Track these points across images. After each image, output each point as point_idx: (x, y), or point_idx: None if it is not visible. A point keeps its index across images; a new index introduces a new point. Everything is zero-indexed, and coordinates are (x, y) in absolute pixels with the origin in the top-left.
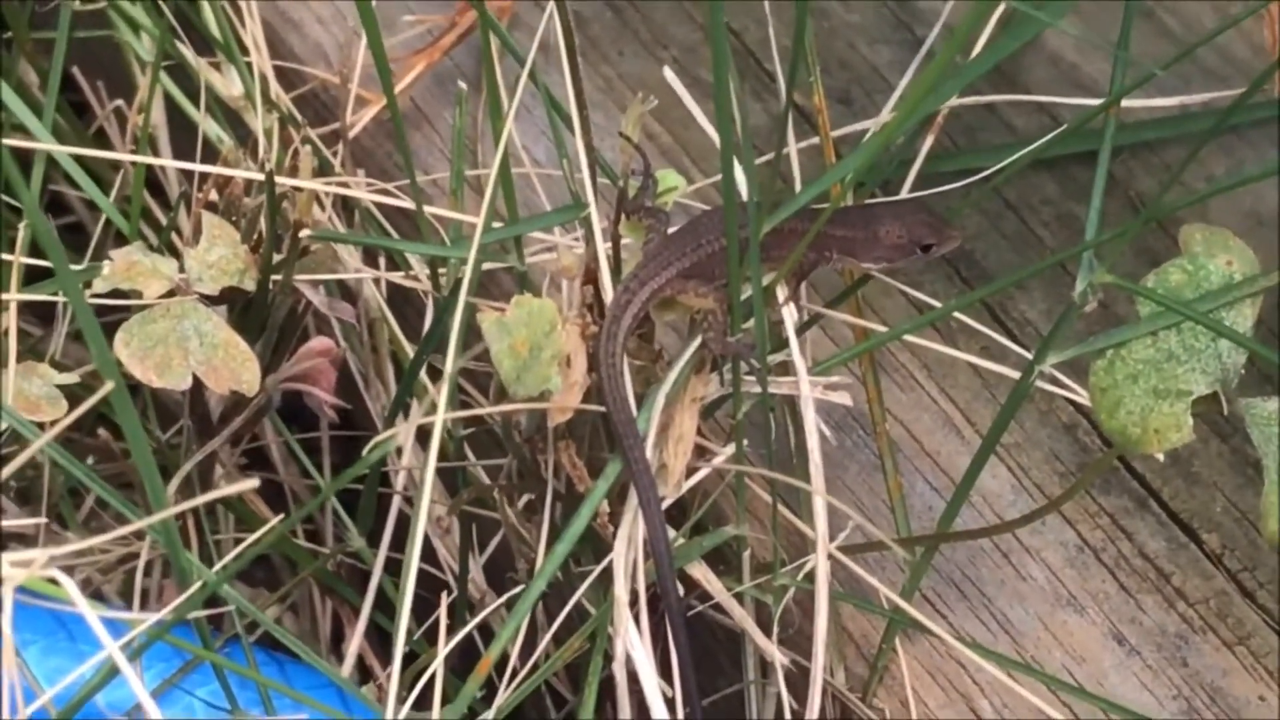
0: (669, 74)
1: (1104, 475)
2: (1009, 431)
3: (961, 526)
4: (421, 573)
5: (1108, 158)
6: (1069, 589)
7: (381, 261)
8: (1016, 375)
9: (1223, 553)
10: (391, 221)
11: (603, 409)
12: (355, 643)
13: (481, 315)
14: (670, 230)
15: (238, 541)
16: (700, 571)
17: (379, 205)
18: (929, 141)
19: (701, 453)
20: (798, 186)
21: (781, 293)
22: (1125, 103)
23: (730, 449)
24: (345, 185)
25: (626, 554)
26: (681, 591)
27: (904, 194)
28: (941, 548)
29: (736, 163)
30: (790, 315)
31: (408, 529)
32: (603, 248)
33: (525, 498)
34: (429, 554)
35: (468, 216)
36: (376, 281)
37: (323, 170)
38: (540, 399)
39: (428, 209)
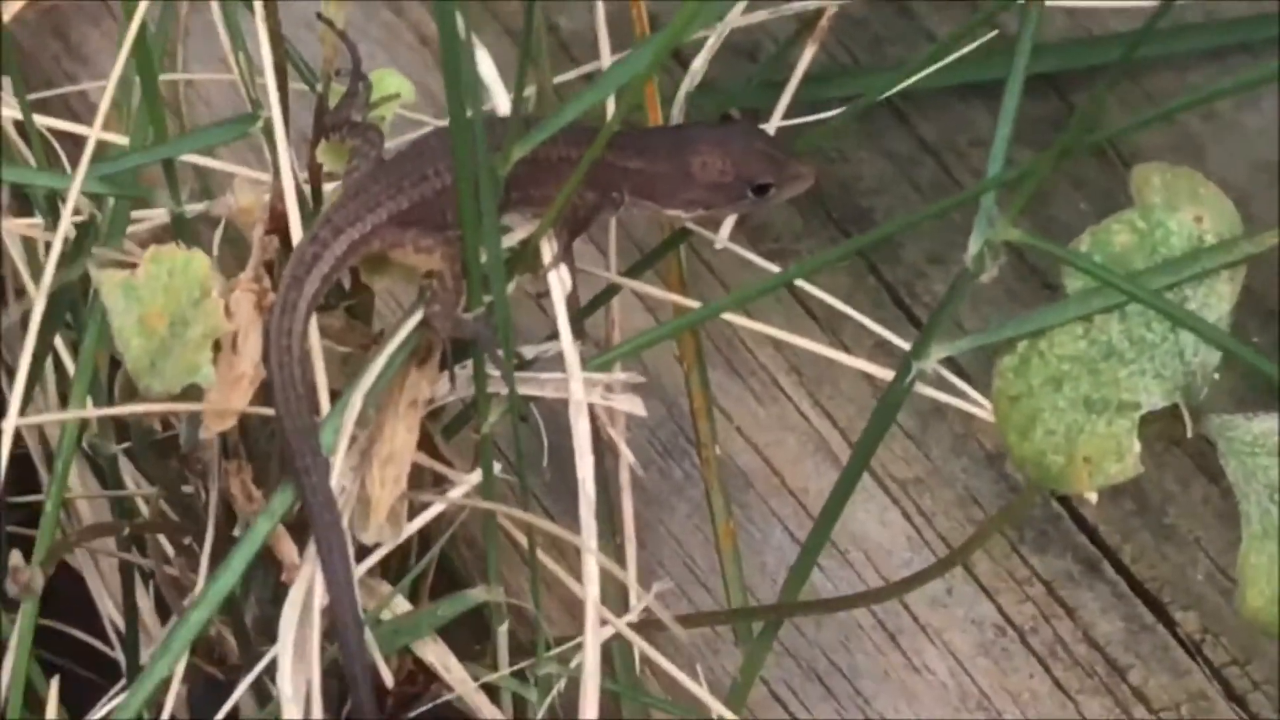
0: None
1: (1038, 526)
2: (909, 463)
3: (832, 592)
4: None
5: (1026, 51)
6: (981, 685)
7: None
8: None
9: (1203, 639)
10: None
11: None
12: None
13: (99, 274)
14: (386, 156)
15: None
16: (434, 653)
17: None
18: (809, 52)
19: (438, 482)
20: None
21: (548, 250)
22: None
23: (474, 476)
24: None
25: (296, 633)
26: (392, 681)
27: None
28: (800, 625)
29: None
30: (559, 283)
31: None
32: (291, 180)
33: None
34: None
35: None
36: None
37: None
38: (185, 397)
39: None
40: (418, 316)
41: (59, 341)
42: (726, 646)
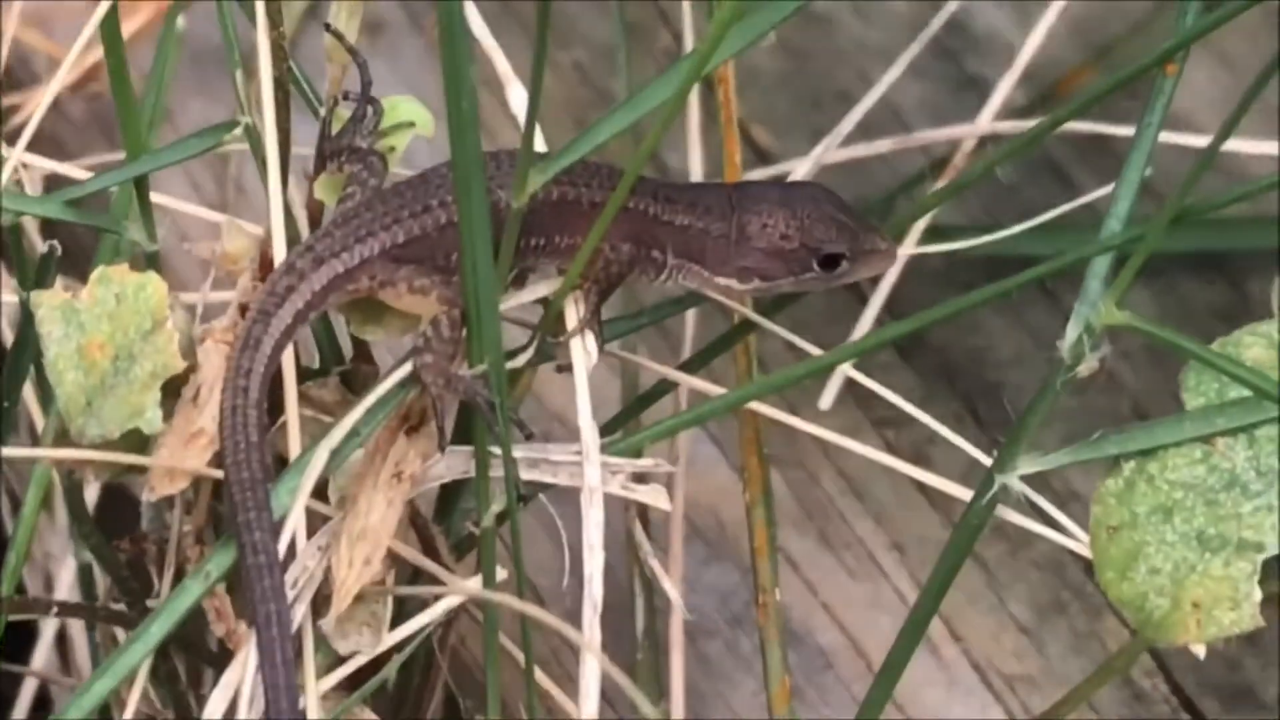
0: None
1: (1132, 688)
2: (1020, 659)
3: None
4: None
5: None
6: None
7: None
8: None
9: None
10: None
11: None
12: None
13: (37, 297)
14: (386, 185)
15: None
16: None
17: None
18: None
19: (418, 578)
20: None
21: (574, 310)
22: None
23: (473, 584)
24: None
25: None
26: None
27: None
28: None
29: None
30: (582, 352)
31: None
32: (281, 220)
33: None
34: None
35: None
36: None
37: None
38: (129, 446)
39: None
40: (406, 368)
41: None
42: None
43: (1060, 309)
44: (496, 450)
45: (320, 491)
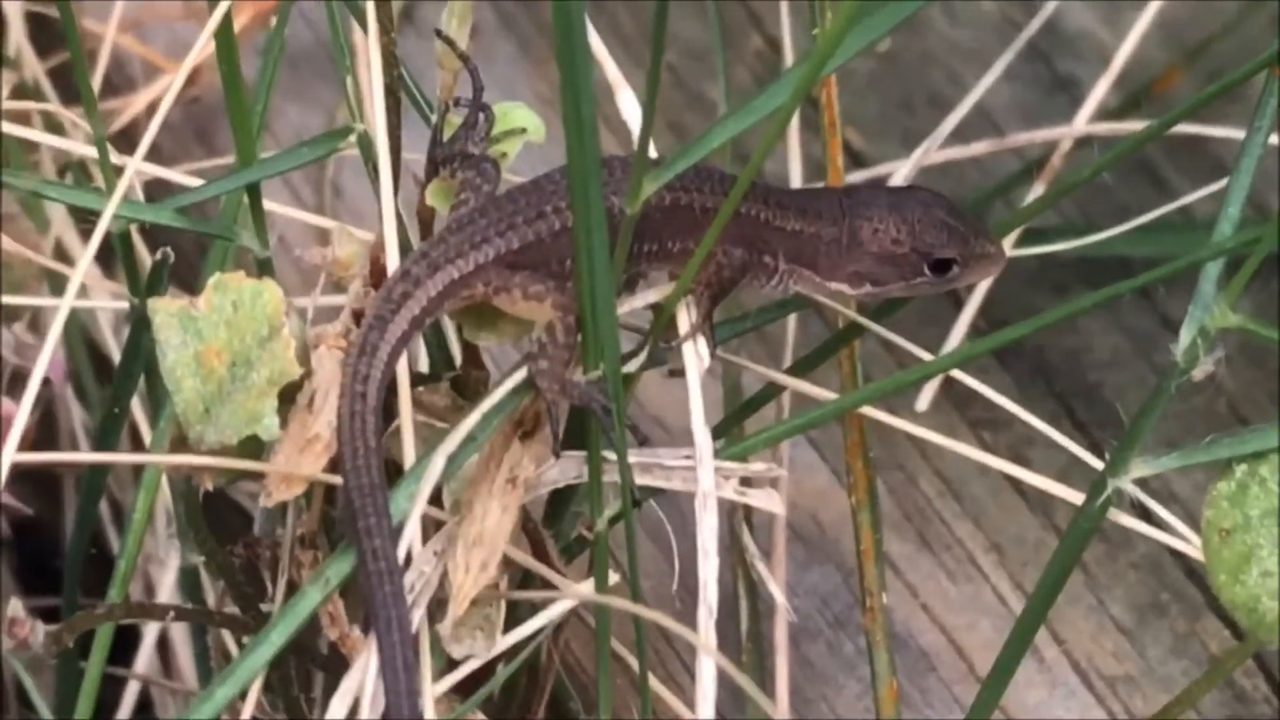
0: None
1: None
2: (1120, 660)
3: None
4: None
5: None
6: None
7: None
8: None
9: None
10: None
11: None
12: None
13: (155, 304)
14: (499, 192)
15: None
16: None
17: None
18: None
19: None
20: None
21: (685, 316)
22: None
23: (585, 587)
24: None
25: None
26: None
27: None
28: None
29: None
30: (695, 357)
31: None
32: (394, 226)
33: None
34: None
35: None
36: None
37: None
38: (245, 452)
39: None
40: (521, 374)
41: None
42: None
43: (1156, 310)
44: (610, 455)
45: (435, 497)
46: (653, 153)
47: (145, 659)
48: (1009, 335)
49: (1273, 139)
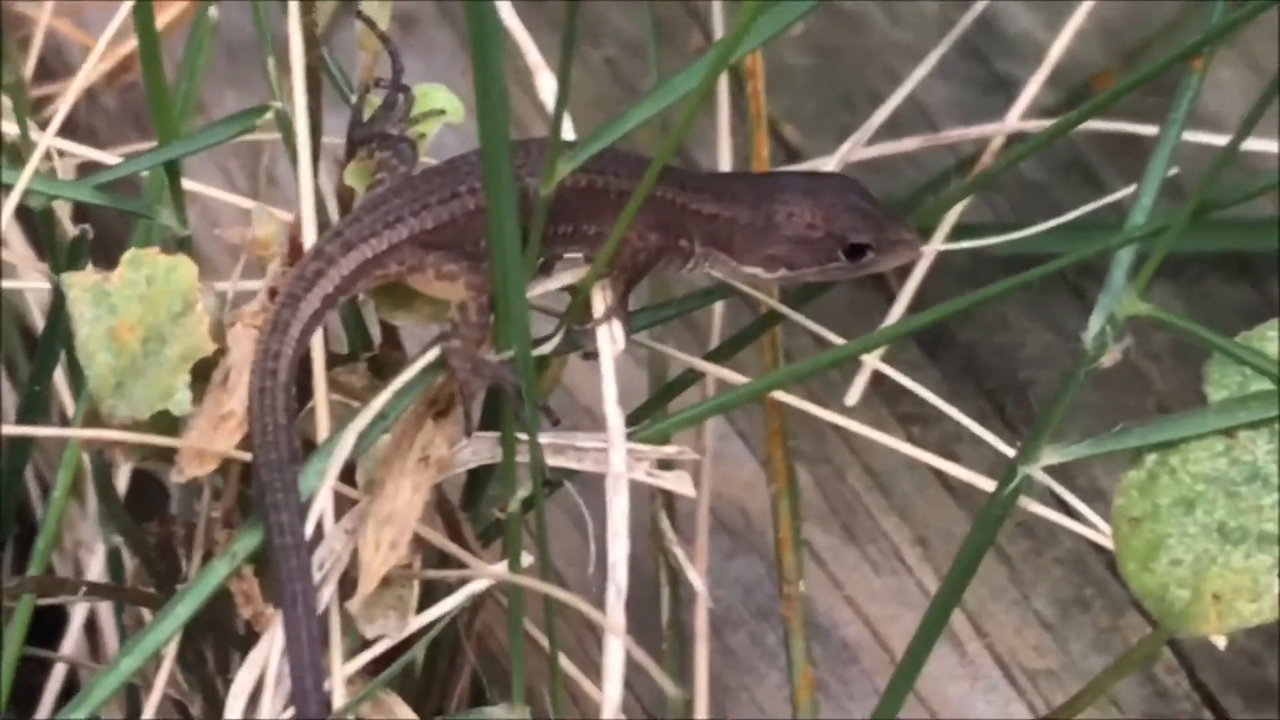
0: None
1: (1155, 684)
2: (1042, 654)
3: None
4: None
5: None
6: None
7: None
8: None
9: None
10: None
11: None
12: None
13: (69, 279)
14: (416, 172)
15: None
16: None
17: None
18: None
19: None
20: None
21: (601, 298)
22: None
23: (499, 568)
24: None
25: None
26: None
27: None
28: None
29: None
30: (608, 340)
31: None
32: (312, 206)
33: None
34: None
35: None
36: None
37: None
38: (158, 429)
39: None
40: (433, 353)
41: None
42: None
43: (1088, 309)
44: (523, 436)
45: (348, 475)
46: (573, 138)
47: (72, 642)
48: (924, 319)
49: (1207, 137)
